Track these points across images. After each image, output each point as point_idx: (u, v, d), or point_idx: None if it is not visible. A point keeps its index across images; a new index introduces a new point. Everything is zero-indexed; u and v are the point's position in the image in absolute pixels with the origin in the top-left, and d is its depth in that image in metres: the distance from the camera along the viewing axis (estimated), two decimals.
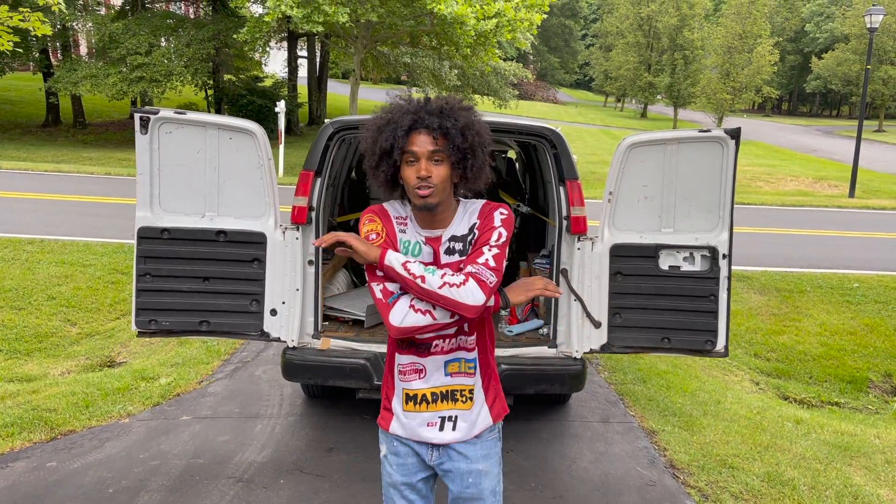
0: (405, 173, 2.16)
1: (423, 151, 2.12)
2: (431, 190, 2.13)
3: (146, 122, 4.17)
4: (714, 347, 4.42)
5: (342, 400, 5.33)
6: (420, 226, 2.28)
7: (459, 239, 2.27)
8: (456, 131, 2.13)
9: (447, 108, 2.16)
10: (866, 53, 44.81)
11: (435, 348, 2.28)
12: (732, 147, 4.22)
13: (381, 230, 2.26)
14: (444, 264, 2.24)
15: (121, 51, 22.11)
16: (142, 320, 4.35)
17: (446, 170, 2.16)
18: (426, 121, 2.13)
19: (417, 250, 2.26)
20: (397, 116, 2.16)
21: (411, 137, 2.13)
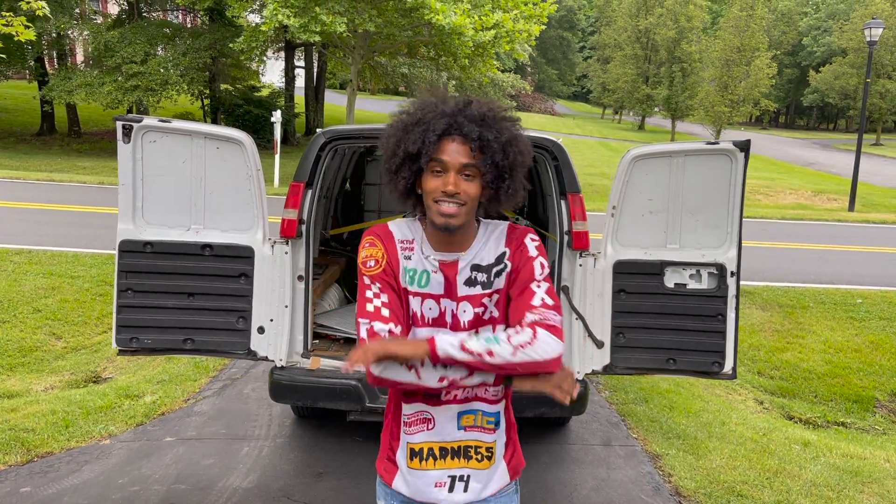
0: (428, 184, 1.84)
1: (455, 163, 1.81)
2: (457, 210, 1.82)
3: (129, 130, 3.98)
4: (721, 369, 4.23)
5: (332, 421, 5.12)
6: (434, 247, 1.95)
7: (484, 269, 1.95)
8: (497, 146, 1.81)
9: (490, 117, 1.84)
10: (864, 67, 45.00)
11: (447, 396, 1.96)
12: (741, 160, 4.04)
13: (382, 257, 1.95)
14: (462, 297, 1.95)
15: (116, 59, 21.96)
16: (122, 338, 4.15)
17: (477, 188, 1.84)
18: (464, 127, 1.81)
19: (424, 280, 1.94)
20: (430, 117, 1.83)
21: (443, 144, 1.82)
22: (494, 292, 1.96)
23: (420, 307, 1.94)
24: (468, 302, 1.94)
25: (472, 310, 1.94)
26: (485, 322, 1.95)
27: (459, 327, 1.94)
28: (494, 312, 1.96)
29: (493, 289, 1.95)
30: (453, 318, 1.94)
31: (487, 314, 1.96)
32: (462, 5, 17.91)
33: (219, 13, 25.59)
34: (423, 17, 17.61)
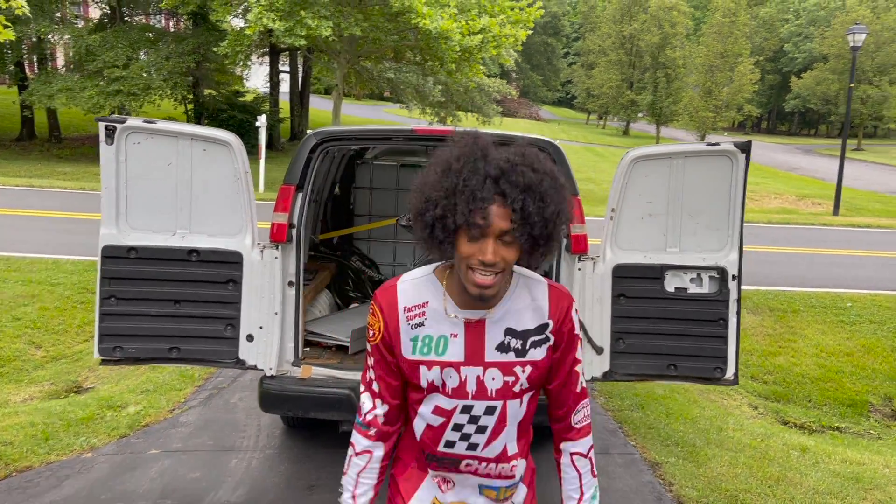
0: (463, 248, 1.65)
1: (496, 229, 1.62)
2: (494, 280, 1.66)
3: (112, 131, 3.84)
4: (723, 375, 4.14)
5: (324, 430, 4.98)
6: (458, 304, 1.78)
7: (520, 335, 1.79)
8: (540, 219, 1.62)
9: (535, 184, 1.62)
10: (845, 72, 45.57)
11: (466, 467, 1.88)
12: (742, 161, 3.96)
13: (378, 330, 1.83)
14: (490, 362, 1.78)
15: (98, 63, 21.64)
16: (106, 347, 3.99)
17: (515, 253, 1.67)
18: (508, 194, 1.60)
19: (442, 348, 1.78)
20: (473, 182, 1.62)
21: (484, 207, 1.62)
22: (529, 363, 1.81)
23: (440, 376, 1.80)
24: (498, 369, 1.79)
25: (501, 377, 1.80)
26: (513, 393, 1.81)
27: (486, 396, 1.80)
28: (524, 384, 1.82)
29: (527, 358, 1.80)
30: (478, 386, 1.79)
31: (518, 386, 1.81)
32: (449, 10, 17.83)
33: (202, 17, 25.32)
34: (410, 21, 17.50)
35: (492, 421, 1.80)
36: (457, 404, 1.79)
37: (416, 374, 1.80)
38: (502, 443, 1.82)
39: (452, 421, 1.81)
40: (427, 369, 1.79)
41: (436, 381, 1.79)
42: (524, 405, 1.84)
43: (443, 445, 1.84)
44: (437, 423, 1.83)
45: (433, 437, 1.84)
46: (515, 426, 1.84)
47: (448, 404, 1.80)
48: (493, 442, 1.82)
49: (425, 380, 1.80)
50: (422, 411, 1.85)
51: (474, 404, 1.79)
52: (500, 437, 1.82)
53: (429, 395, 1.82)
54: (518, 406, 1.82)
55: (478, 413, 1.80)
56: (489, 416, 1.80)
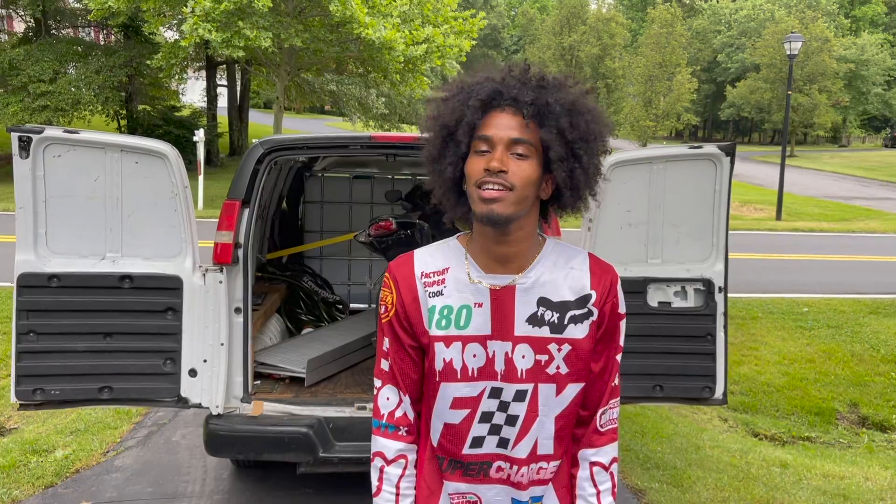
0: (470, 167, 1.44)
1: (503, 137, 1.41)
2: (503, 192, 1.40)
3: (27, 143, 3.38)
4: (712, 395, 3.86)
5: (278, 469, 4.52)
6: (482, 265, 1.53)
7: (556, 307, 1.52)
8: (561, 110, 1.41)
9: (549, 80, 1.45)
10: (777, 81, 46.93)
11: (498, 472, 1.57)
12: (727, 165, 3.71)
13: (391, 302, 1.58)
14: (520, 336, 1.51)
15: (22, 78, 20.60)
16: (24, 389, 3.50)
17: (532, 169, 1.43)
18: (514, 92, 1.42)
19: (465, 319, 1.51)
20: (473, 84, 1.47)
21: (489, 117, 1.43)
22: (567, 341, 1.53)
23: (461, 356, 1.51)
24: (528, 345, 1.51)
25: (532, 355, 1.51)
26: (547, 376, 1.52)
27: (515, 378, 1.51)
28: (563, 367, 1.53)
29: (565, 335, 1.52)
30: (507, 366, 1.51)
31: (552, 367, 1.52)
32: (392, 20, 17.52)
33: (134, 30, 24.48)
34: (353, 31, 17.12)
35: (522, 409, 1.52)
36: (484, 387, 1.52)
37: (430, 354, 1.54)
38: (533, 438, 1.54)
39: (480, 409, 1.52)
40: (445, 347, 1.51)
41: (455, 363, 1.51)
42: (563, 395, 1.54)
43: (469, 445, 1.55)
44: (459, 419, 1.54)
45: (456, 436, 1.55)
46: (552, 420, 1.54)
47: (473, 390, 1.52)
48: (526, 436, 1.54)
49: (441, 361, 1.52)
50: (437, 408, 1.56)
51: (504, 387, 1.51)
52: (530, 432, 1.53)
53: (442, 385, 1.53)
54: (553, 394, 1.53)
55: (507, 399, 1.52)
56: (519, 403, 1.52)
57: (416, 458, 1.62)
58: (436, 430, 1.58)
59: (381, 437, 1.60)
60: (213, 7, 15.96)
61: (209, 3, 15.92)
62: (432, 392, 1.56)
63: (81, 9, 24.61)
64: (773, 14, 54.69)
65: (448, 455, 1.57)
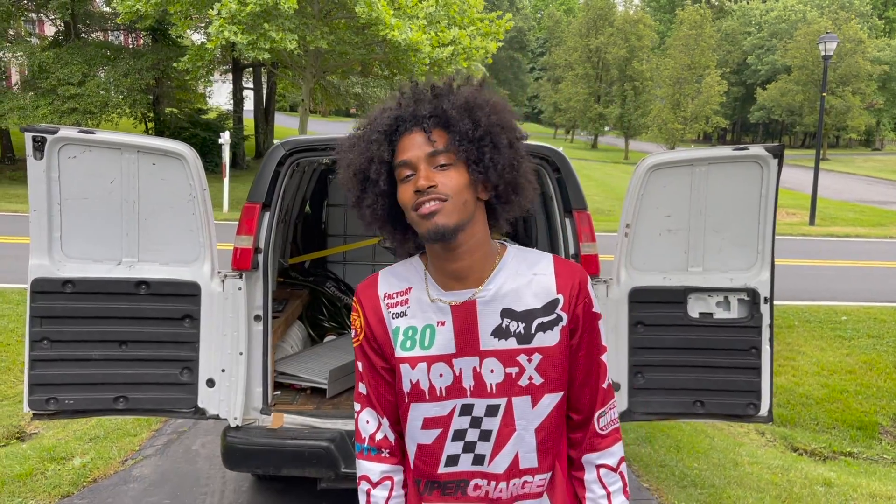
0: (402, 195, 1.44)
1: (420, 155, 1.41)
2: (440, 204, 1.39)
3: (41, 143, 3.24)
4: (757, 412, 3.63)
5: (299, 483, 4.36)
6: (442, 285, 1.51)
7: (521, 317, 1.48)
8: (457, 112, 1.41)
9: (440, 88, 1.47)
10: (809, 83, 46.10)
11: (475, 490, 1.51)
12: (774, 168, 3.48)
13: (360, 327, 1.58)
14: (487, 351, 1.47)
15: (52, 81, 20.77)
16: (37, 399, 3.38)
17: (459, 176, 1.41)
18: (414, 111, 1.44)
19: (428, 340, 1.49)
20: (373, 118, 1.49)
21: (400, 144, 1.44)
22: (537, 350, 1.48)
23: (427, 375, 1.49)
24: (496, 358, 1.47)
25: (502, 369, 1.47)
26: (519, 388, 1.48)
27: (485, 393, 1.48)
28: (536, 378, 1.48)
29: (533, 344, 1.48)
30: (476, 381, 1.48)
31: (525, 379, 1.48)
32: (418, 21, 17.39)
33: (162, 33, 24.62)
34: (378, 33, 17.01)
35: (496, 424, 1.49)
36: (454, 405, 1.49)
37: (398, 377, 1.53)
38: (512, 452, 1.49)
39: (452, 428, 1.50)
40: (410, 368, 1.50)
41: (422, 384, 1.50)
42: (540, 406, 1.50)
43: (444, 465, 1.52)
44: (431, 439, 1.52)
45: (430, 456, 1.53)
46: (531, 433, 1.50)
47: (442, 410, 1.50)
48: (501, 451, 1.49)
49: (408, 382, 1.51)
50: (409, 430, 1.54)
51: (475, 402, 1.49)
52: (508, 446, 1.49)
53: (412, 406, 1.52)
54: (529, 406, 1.49)
55: (479, 414, 1.49)
56: (492, 418, 1.49)
57: (402, 478, 1.60)
58: (411, 451, 1.56)
59: (365, 461, 1.60)
60: (239, 9, 15.95)
61: (235, 6, 15.91)
62: (403, 413, 1.55)
63: (110, 12, 24.80)
64: (805, 15, 53.83)
65: (424, 476, 1.54)
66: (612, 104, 51.91)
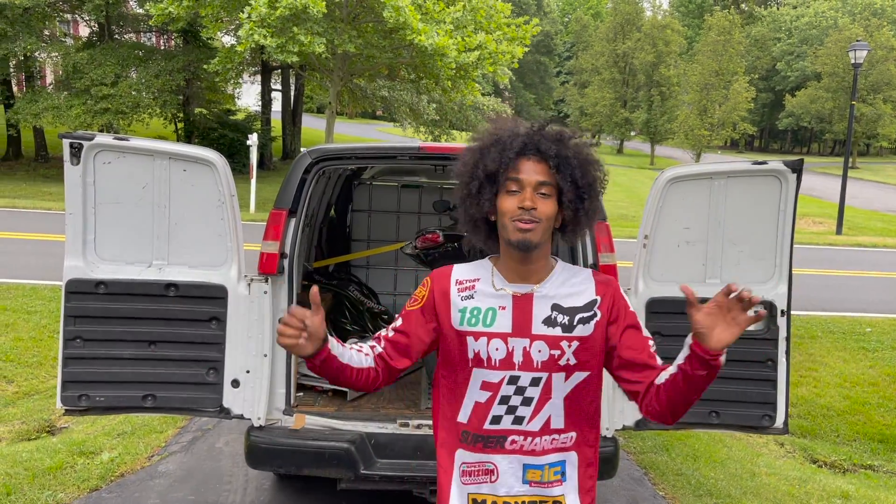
0: (504, 204, 1.82)
1: (532, 180, 1.79)
2: (534, 224, 1.79)
3: (78, 149, 3.37)
4: (772, 423, 3.67)
5: (319, 482, 4.45)
6: (507, 277, 1.90)
7: (567, 311, 1.87)
8: (577, 162, 1.81)
9: (566, 136, 1.84)
10: (839, 90, 45.53)
11: (511, 445, 1.87)
12: (793, 182, 3.52)
13: (423, 297, 1.95)
14: (537, 335, 1.84)
15: (85, 81, 21.19)
16: (70, 395, 3.50)
17: (553, 207, 1.82)
18: (541, 145, 1.81)
19: (490, 319, 1.86)
20: (506, 136, 1.84)
21: (520, 163, 1.81)
22: (576, 339, 1.86)
23: (487, 348, 1.86)
24: (544, 342, 1.85)
25: (547, 350, 1.85)
26: (559, 367, 1.85)
27: (532, 367, 1.85)
28: (572, 359, 1.86)
29: (574, 334, 1.86)
30: (525, 357, 1.85)
31: (564, 360, 1.86)
32: (444, 26, 17.49)
33: (193, 35, 24.99)
34: (405, 37, 17.14)
35: (537, 392, 1.84)
36: (504, 375, 1.84)
37: (463, 346, 1.87)
38: (546, 414, 1.85)
39: (500, 394, 1.85)
40: (474, 340, 1.85)
41: (481, 353, 1.85)
42: (570, 381, 1.86)
43: (489, 422, 1.86)
44: (484, 399, 1.86)
45: (480, 414, 1.87)
46: (562, 400, 1.86)
47: (495, 377, 1.84)
48: (539, 414, 1.85)
49: (472, 351, 1.86)
50: (469, 390, 1.89)
51: (521, 375, 1.84)
52: (544, 409, 1.85)
53: (474, 371, 1.86)
54: (563, 380, 1.86)
55: (524, 384, 1.84)
56: (534, 388, 1.84)
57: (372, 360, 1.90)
58: (467, 408, 1.90)
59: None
60: (269, 13, 16.17)
61: (265, 9, 16.13)
62: (465, 377, 1.89)
63: (143, 14, 25.22)
64: (837, 21, 53.15)
65: (473, 430, 1.89)
66: (639, 109, 51.64)
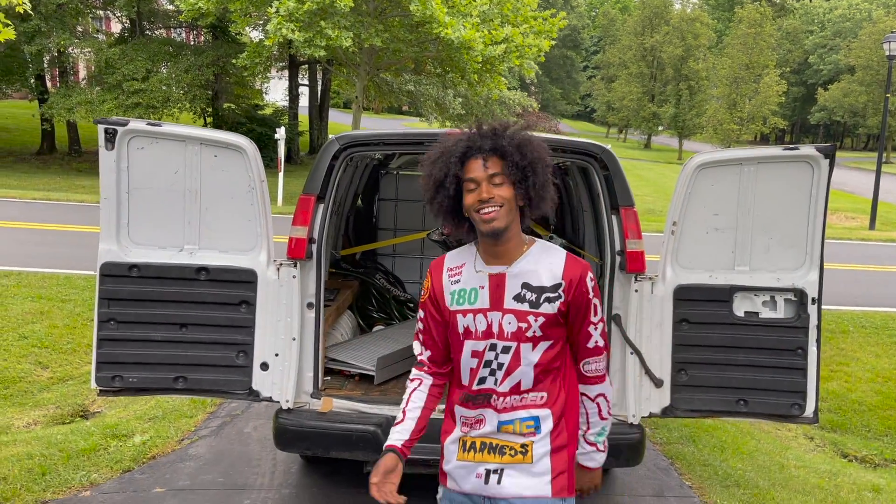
0: (467, 201, 2.10)
1: (483, 175, 2.07)
2: (496, 210, 2.05)
3: (112, 135, 3.43)
4: (802, 412, 3.63)
5: (346, 466, 4.50)
6: (485, 261, 2.18)
7: (535, 289, 2.13)
8: (512, 149, 2.07)
9: (500, 129, 2.11)
10: (873, 84, 44.65)
11: (493, 402, 2.17)
12: (825, 168, 3.48)
13: (427, 288, 2.28)
14: (507, 309, 2.12)
15: (117, 76, 21.50)
16: (104, 376, 3.57)
17: (509, 190, 2.08)
18: (480, 144, 2.08)
19: (473, 297, 2.17)
20: (450, 145, 2.12)
21: (468, 165, 2.09)
22: (541, 314, 2.12)
23: (473, 322, 2.16)
24: (513, 315, 2.12)
25: (516, 323, 2.12)
26: (526, 338, 2.12)
27: (504, 337, 2.13)
28: (538, 332, 2.12)
29: (539, 310, 2.12)
30: (499, 328, 2.13)
31: (531, 332, 2.12)
32: (471, 19, 17.46)
33: (222, 30, 25.22)
34: (431, 31, 17.14)
35: (507, 359, 2.13)
36: (486, 343, 2.14)
37: (455, 322, 2.18)
38: (516, 378, 2.13)
39: (484, 358, 2.15)
40: (462, 317, 2.16)
41: (470, 327, 2.15)
42: (537, 350, 2.13)
43: (476, 383, 2.17)
44: (474, 365, 2.17)
45: (471, 378, 2.18)
46: (531, 368, 2.13)
47: (480, 346, 2.15)
48: (509, 377, 2.13)
49: (462, 326, 2.17)
50: (463, 359, 2.19)
51: (498, 343, 2.13)
52: (514, 374, 2.13)
53: (465, 342, 2.17)
54: (531, 350, 2.12)
55: (498, 351, 2.14)
56: (505, 355, 2.13)
57: (430, 382, 2.28)
58: (464, 374, 2.21)
59: (413, 368, 2.33)
60: (297, 7, 16.27)
61: (293, 4, 16.23)
62: (458, 347, 2.20)
63: (173, 10, 25.52)
64: (871, 14, 52.14)
65: (464, 390, 2.21)
66: (667, 104, 51.08)
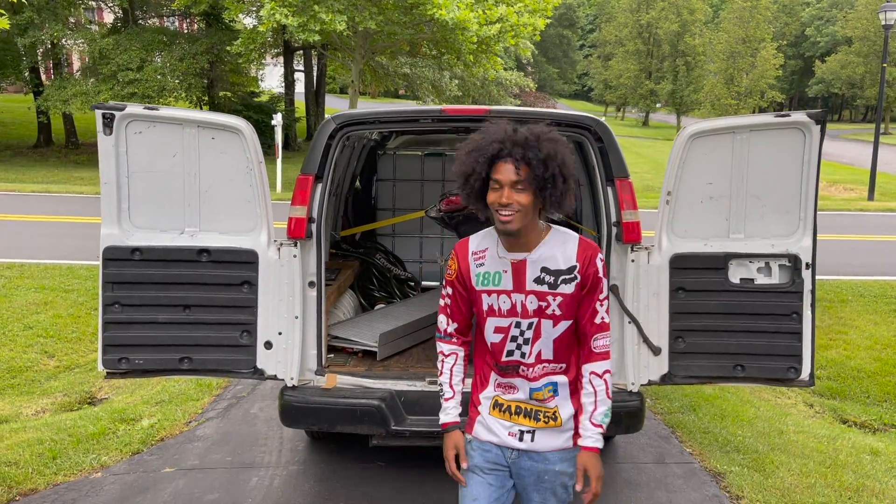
0: (490, 198, 2.26)
1: (507, 180, 2.20)
2: (512, 216, 2.21)
3: (110, 119, 3.47)
4: (798, 376, 3.69)
5: (352, 442, 4.58)
6: (506, 248, 2.36)
7: (553, 273, 2.33)
8: (538, 162, 2.18)
9: (532, 139, 2.21)
10: (871, 55, 44.44)
11: (522, 373, 2.40)
12: (817, 134, 3.52)
13: (454, 269, 2.47)
14: (529, 290, 2.34)
15: (111, 67, 21.43)
16: (110, 358, 3.63)
17: (528, 197, 2.22)
18: (510, 151, 2.20)
19: (497, 280, 2.37)
20: (484, 143, 2.24)
21: (496, 165, 2.23)
22: (559, 294, 2.34)
23: (497, 302, 2.38)
24: (534, 296, 2.34)
25: (536, 302, 2.35)
26: (546, 315, 2.35)
27: (527, 315, 2.36)
28: (557, 311, 2.35)
29: (558, 290, 2.34)
30: (522, 308, 2.36)
31: (550, 310, 2.35)
32: (465, 0, 17.38)
33: (215, 18, 25.10)
34: (426, 12, 17.07)
35: (531, 334, 2.36)
36: (511, 321, 2.36)
37: (480, 301, 2.40)
38: (538, 349, 2.37)
39: (510, 335, 2.37)
40: (487, 296, 2.38)
41: (493, 306, 2.37)
42: (557, 327, 2.35)
43: (504, 356, 2.39)
44: (498, 340, 2.39)
45: (498, 350, 2.40)
46: (551, 341, 2.36)
47: (504, 322, 2.37)
48: (532, 349, 2.37)
49: (486, 304, 2.38)
50: (487, 333, 2.41)
51: (522, 321, 2.36)
52: (536, 345, 2.36)
53: (488, 319, 2.39)
54: (551, 326, 2.35)
55: (524, 328, 2.36)
56: (529, 331, 2.36)
57: (464, 354, 2.54)
58: (490, 344, 2.42)
59: (441, 343, 2.55)
60: None
61: None
62: (482, 324, 2.42)
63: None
64: None
65: (496, 360, 2.42)
66: (664, 80, 50.89)
